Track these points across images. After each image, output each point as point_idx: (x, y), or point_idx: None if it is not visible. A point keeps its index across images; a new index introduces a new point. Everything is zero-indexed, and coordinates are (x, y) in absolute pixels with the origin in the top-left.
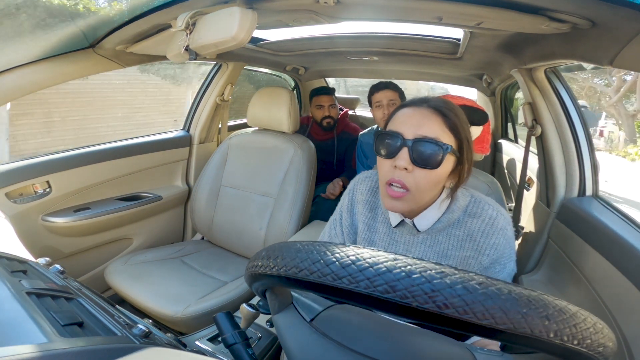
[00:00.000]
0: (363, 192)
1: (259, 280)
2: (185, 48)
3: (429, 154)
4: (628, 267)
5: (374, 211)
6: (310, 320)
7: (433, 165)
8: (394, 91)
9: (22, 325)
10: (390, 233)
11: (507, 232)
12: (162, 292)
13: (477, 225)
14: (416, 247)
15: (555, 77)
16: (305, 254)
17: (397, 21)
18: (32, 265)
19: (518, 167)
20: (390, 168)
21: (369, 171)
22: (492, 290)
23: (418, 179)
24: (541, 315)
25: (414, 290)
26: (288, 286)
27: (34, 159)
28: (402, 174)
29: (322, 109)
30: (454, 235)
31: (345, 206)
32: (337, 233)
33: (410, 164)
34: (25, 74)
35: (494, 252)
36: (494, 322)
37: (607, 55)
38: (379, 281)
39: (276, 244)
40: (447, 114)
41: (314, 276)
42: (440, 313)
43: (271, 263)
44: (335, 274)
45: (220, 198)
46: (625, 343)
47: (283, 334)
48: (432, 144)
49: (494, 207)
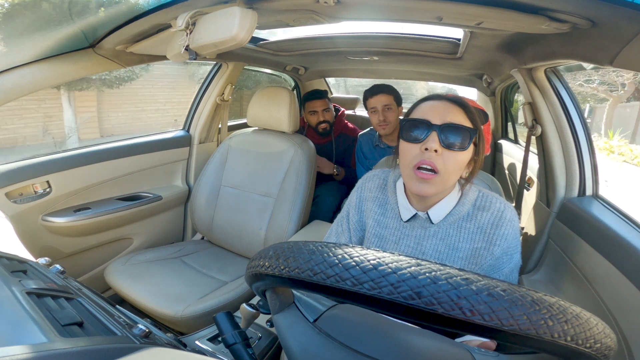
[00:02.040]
0: (372, 189)
1: (262, 280)
2: (185, 48)
3: (457, 137)
4: (628, 267)
5: (383, 207)
6: (313, 321)
7: (462, 147)
8: (388, 95)
9: (22, 325)
10: (400, 228)
11: (514, 224)
12: (162, 292)
13: (486, 217)
14: (427, 240)
15: (555, 77)
16: (321, 256)
17: (397, 21)
18: (32, 265)
19: (518, 167)
20: (418, 152)
21: (377, 170)
22: (517, 297)
23: (447, 161)
24: (560, 320)
25: (440, 297)
26: (299, 289)
27: (34, 159)
28: (432, 156)
29: (316, 115)
30: (465, 228)
31: (353, 203)
32: (343, 230)
33: (440, 147)
34: (25, 74)
35: (504, 242)
36: (517, 328)
37: (607, 55)
38: (403, 287)
39: (284, 243)
40: (468, 106)
41: (330, 280)
42: (466, 320)
43: (281, 264)
44: (356, 279)
45: (220, 198)
46: (625, 343)
47: (284, 334)
48: (460, 128)
49: (501, 201)
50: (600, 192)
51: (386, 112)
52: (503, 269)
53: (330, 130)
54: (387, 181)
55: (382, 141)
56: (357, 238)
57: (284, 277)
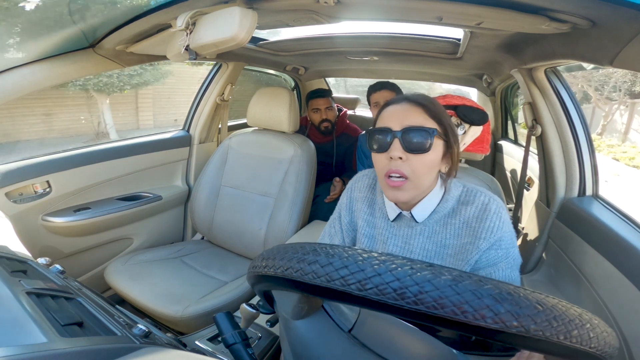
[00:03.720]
0: (361, 189)
1: (276, 283)
2: (185, 48)
3: (418, 140)
4: (628, 267)
5: (372, 207)
6: (349, 331)
7: (424, 149)
8: (391, 91)
9: (22, 325)
10: (388, 227)
11: (501, 216)
12: (162, 292)
13: (471, 211)
14: (415, 239)
15: (555, 77)
16: (356, 265)
17: (397, 21)
18: (32, 265)
19: (518, 167)
20: (386, 161)
21: (366, 169)
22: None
23: (414, 166)
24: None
25: (443, 302)
26: (333, 300)
27: (34, 159)
28: (398, 164)
29: (319, 113)
30: (450, 224)
31: (344, 204)
32: (336, 231)
33: (404, 153)
34: (25, 74)
35: (490, 234)
36: (543, 335)
37: (607, 55)
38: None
39: (306, 244)
40: (427, 105)
41: (390, 297)
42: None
43: (323, 272)
44: (442, 302)
45: (220, 198)
46: (625, 343)
47: (311, 342)
48: (419, 130)
49: (486, 194)
50: (600, 192)
51: None
52: (498, 263)
53: (332, 129)
54: (376, 180)
55: None
56: (350, 239)
57: (323, 286)
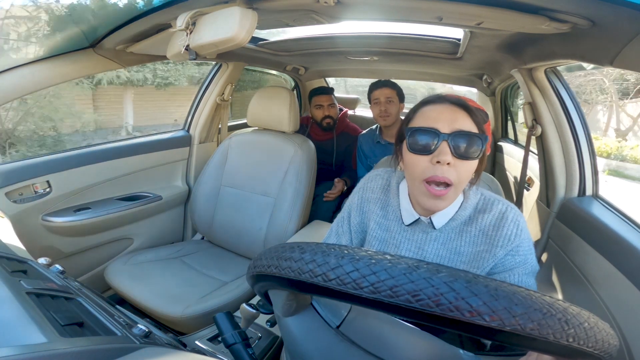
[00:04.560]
0: (374, 190)
1: (277, 283)
2: (185, 48)
3: (470, 146)
4: (628, 267)
5: (385, 209)
6: (337, 327)
7: (474, 156)
8: (391, 89)
9: (22, 325)
10: (402, 231)
11: (519, 224)
12: (162, 292)
13: (488, 220)
14: (429, 244)
15: (555, 77)
16: (363, 263)
17: (397, 21)
18: (32, 265)
19: (518, 167)
20: (427, 164)
21: (380, 169)
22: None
23: (461, 172)
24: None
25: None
26: (316, 295)
27: (34, 159)
28: (444, 169)
29: (321, 109)
30: (466, 232)
31: (355, 204)
32: (344, 231)
33: (453, 158)
34: (25, 74)
35: (507, 242)
36: (553, 338)
37: (607, 55)
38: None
39: (313, 245)
40: (473, 110)
41: (403, 299)
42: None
43: (330, 273)
44: (454, 304)
45: (220, 198)
46: (625, 343)
47: (300, 338)
48: (471, 136)
49: (504, 202)
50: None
51: (388, 104)
52: (514, 269)
53: (333, 126)
54: (390, 182)
55: (382, 137)
56: (358, 240)
57: (332, 289)
